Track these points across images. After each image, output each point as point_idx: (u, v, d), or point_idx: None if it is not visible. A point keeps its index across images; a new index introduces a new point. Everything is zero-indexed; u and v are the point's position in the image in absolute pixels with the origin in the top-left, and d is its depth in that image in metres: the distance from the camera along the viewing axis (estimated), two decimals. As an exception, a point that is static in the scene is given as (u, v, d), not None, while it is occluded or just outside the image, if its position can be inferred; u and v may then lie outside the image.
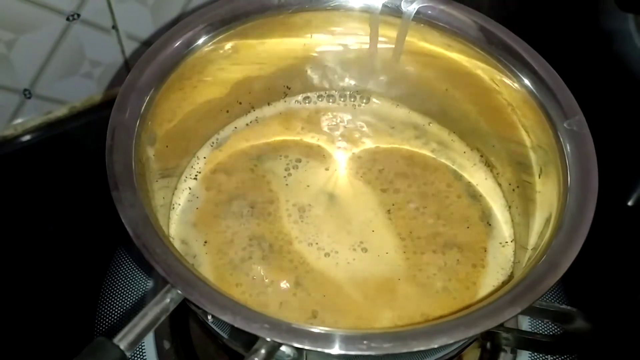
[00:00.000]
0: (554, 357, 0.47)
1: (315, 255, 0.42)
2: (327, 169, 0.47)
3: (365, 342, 0.29)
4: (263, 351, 0.29)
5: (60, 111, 0.64)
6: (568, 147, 0.37)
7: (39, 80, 0.60)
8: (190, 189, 0.45)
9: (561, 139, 0.38)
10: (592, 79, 0.70)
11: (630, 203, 0.64)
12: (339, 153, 0.48)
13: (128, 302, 0.48)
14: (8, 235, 0.59)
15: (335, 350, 0.29)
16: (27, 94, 0.60)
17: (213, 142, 0.47)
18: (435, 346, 0.29)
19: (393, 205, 0.45)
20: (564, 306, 0.41)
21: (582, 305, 0.39)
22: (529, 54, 0.40)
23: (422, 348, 0.29)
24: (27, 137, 0.63)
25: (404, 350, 0.29)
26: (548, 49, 0.44)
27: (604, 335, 0.42)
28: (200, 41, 0.41)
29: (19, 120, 0.62)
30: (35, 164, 0.63)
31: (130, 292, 0.48)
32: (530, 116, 0.41)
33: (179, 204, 0.44)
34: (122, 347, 0.28)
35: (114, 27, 0.59)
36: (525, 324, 0.49)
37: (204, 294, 0.31)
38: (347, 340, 0.30)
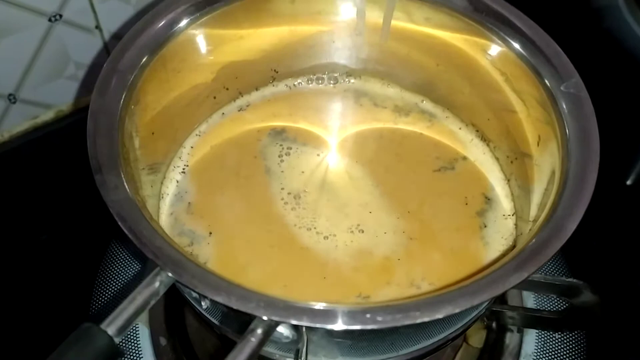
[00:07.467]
0: (562, 334, 0.46)
1: (315, 239, 0.41)
2: (319, 154, 0.45)
3: (368, 315, 0.28)
4: (259, 331, 0.28)
5: (47, 115, 0.62)
6: (566, 111, 0.36)
7: (23, 84, 0.58)
8: (178, 179, 0.44)
9: (558, 104, 0.37)
10: (584, 56, 0.69)
11: (629, 182, 0.63)
12: (332, 136, 0.47)
13: (122, 292, 0.47)
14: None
15: (338, 325, 0.28)
16: (11, 99, 0.59)
17: (200, 130, 0.46)
18: (441, 316, 0.28)
19: (389, 186, 0.44)
20: (570, 279, 0.40)
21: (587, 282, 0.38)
22: (519, 18, 0.39)
23: (426, 319, 0.28)
24: (14, 143, 0.61)
25: (408, 322, 0.28)
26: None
27: (612, 309, 0.41)
28: (183, 23, 0.40)
29: (5, 127, 0.60)
30: (24, 169, 0.62)
31: (124, 282, 0.47)
32: (525, 83, 0.39)
33: (168, 194, 0.43)
34: (110, 332, 0.27)
35: (97, 26, 0.58)
36: (530, 301, 0.47)
37: (196, 275, 0.29)
38: (349, 314, 0.28)
